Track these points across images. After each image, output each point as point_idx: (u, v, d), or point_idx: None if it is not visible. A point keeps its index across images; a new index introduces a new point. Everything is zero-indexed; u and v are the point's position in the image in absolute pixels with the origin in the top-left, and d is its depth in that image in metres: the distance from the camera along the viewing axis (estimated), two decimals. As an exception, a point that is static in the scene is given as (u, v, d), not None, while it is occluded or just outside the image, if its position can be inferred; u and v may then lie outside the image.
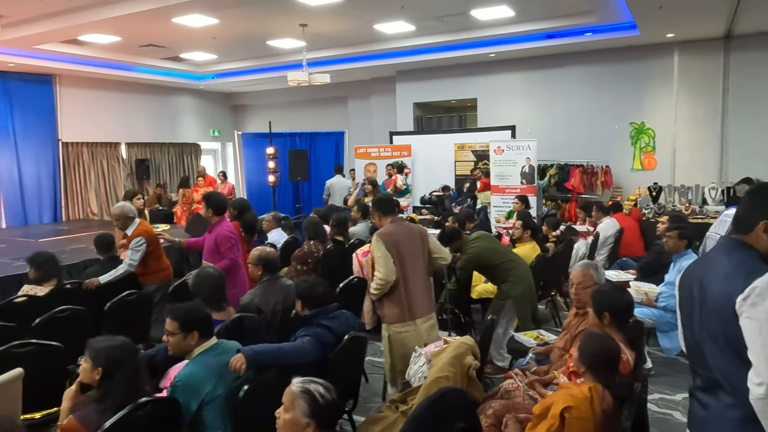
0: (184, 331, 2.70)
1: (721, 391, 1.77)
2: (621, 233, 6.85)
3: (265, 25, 9.24)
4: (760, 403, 1.62)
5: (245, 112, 16.61)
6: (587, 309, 3.18)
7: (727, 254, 1.86)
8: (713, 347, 1.80)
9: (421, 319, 3.70)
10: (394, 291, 3.65)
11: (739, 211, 1.93)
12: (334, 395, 2.12)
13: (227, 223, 4.85)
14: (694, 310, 1.90)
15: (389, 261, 3.58)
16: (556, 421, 2.30)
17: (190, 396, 2.55)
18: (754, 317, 1.65)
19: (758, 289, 1.66)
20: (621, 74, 10.33)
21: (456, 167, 11.07)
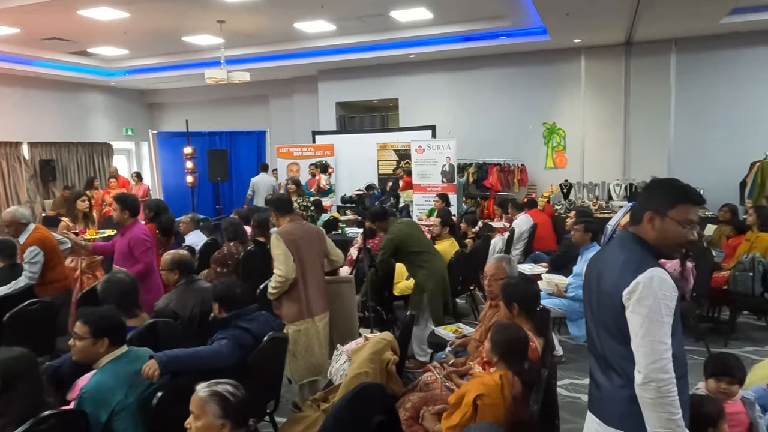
0: (95, 336, 2.59)
1: (614, 373, 1.89)
2: (535, 228, 7.17)
3: (180, 21, 8.93)
4: (638, 389, 1.76)
5: (161, 110, 15.96)
6: (499, 301, 3.32)
7: (620, 247, 1.97)
8: (606, 334, 1.91)
9: (319, 316, 3.83)
10: (293, 289, 3.73)
11: (636, 202, 2.05)
12: (242, 392, 2.10)
13: (141, 225, 4.65)
14: (592, 299, 2.02)
15: (289, 259, 3.66)
16: (469, 409, 2.39)
17: (99, 406, 2.44)
18: (637, 312, 1.77)
19: (641, 285, 1.77)
20: (534, 77, 10.83)
21: (379, 166, 11.19)
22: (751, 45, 9.45)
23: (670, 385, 1.73)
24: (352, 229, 7.82)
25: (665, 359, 1.74)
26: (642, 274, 1.79)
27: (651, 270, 1.80)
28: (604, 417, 1.93)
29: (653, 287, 1.77)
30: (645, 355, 1.75)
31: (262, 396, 3.30)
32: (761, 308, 5.46)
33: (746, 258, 5.27)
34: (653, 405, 1.74)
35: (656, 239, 1.90)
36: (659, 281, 1.78)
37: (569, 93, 10.65)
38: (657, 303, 1.76)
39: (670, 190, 1.91)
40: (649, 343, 1.75)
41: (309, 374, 3.77)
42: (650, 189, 1.99)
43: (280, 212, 3.93)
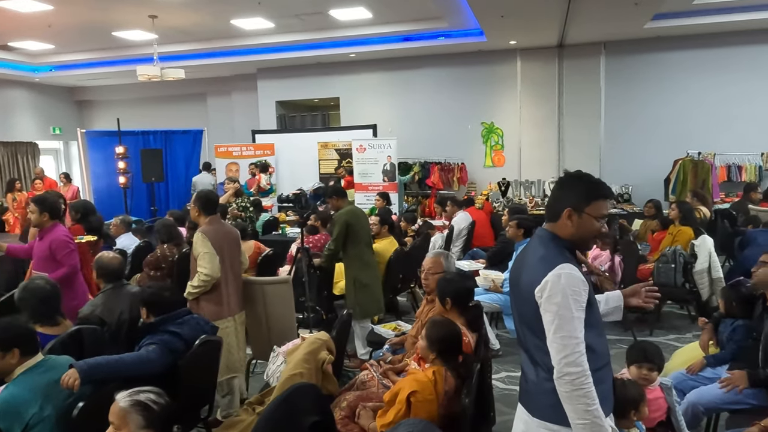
0: (3, 350, 2.44)
1: (538, 366, 1.93)
2: (473, 226, 7.31)
3: (109, 15, 8.57)
4: (555, 383, 1.82)
5: (92, 108, 15.27)
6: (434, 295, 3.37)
7: (537, 245, 2.01)
8: (528, 330, 1.96)
9: (238, 315, 3.88)
10: (216, 288, 3.71)
11: (549, 201, 2.10)
12: (165, 399, 2.04)
13: (62, 228, 4.41)
14: (515, 296, 2.06)
15: (215, 258, 3.65)
16: (403, 405, 2.40)
17: (12, 421, 2.30)
18: (548, 309, 1.83)
19: (549, 283, 1.82)
20: (472, 77, 11.03)
21: (320, 166, 11.11)
22: (675, 49, 9.98)
23: (583, 377, 1.77)
24: (294, 229, 7.73)
25: (577, 353, 1.78)
26: (551, 272, 1.83)
27: (559, 267, 1.84)
28: (530, 408, 1.98)
29: (561, 284, 1.81)
30: (558, 351, 1.80)
31: (196, 401, 3.20)
32: (683, 298, 5.77)
33: (669, 251, 5.56)
34: (569, 398, 1.79)
35: (573, 234, 1.95)
36: (567, 277, 1.82)
37: (506, 93, 10.92)
38: (566, 299, 1.80)
39: (585, 186, 1.95)
40: (560, 338, 1.80)
41: (228, 372, 3.75)
42: (565, 186, 2.01)
43: (206, 211, 3.85)
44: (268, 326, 4.20)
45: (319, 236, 6.11)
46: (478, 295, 4.82)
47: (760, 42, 9.60)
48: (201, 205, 3.86)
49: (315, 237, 6.06)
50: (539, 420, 1.93)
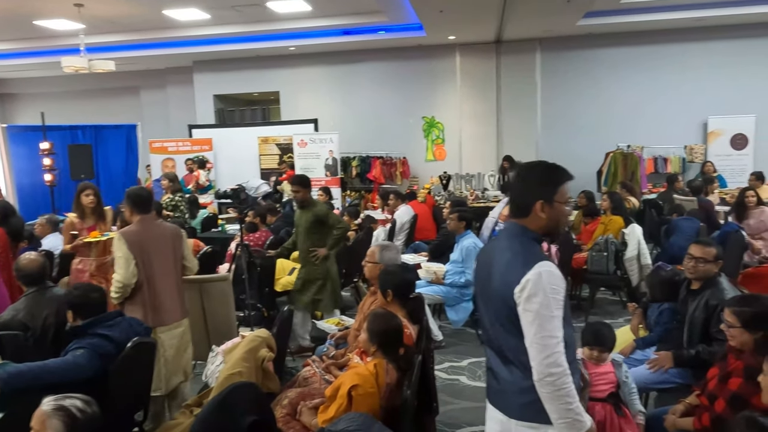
0: None
1: (512, 366, 1.89)
2: (415, 219, 7.36)
3: (31, 3, 8.07)
4: (536, 384, 1.78)
5: (14, 101, 14.38)
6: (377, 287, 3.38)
7: (508, 240, 1.95)
8: (501, 329, 1.90)
9: (165, 327, 3.46)
10: (136, 295, 3.40)
11: (514, 194, 2.02)
12: (94, 408, 1.93)
13: None
14: (484, 294, 2.00)
15: (130, 263, 3.33)
16: (344, 400, 2.38)
17: None
18: (528, 309, 1.78)
19: (530, 282, 1.77)
20: (413, 71, 11.10)
21: (261, 161, 10.90)
22: (605, 46, 10.40)
23: (565, 377, 1.76)
24: (233, 225, 7.55)
25: (557, 353, 1.76)
26: (530, 271, 1.79)
27: (538, 266, 1.80)
28: (506, 409, 1.93)
29: (542, 283, 1.77)
30: (538, 351, 1.76)
31: (129, 406, 3.07)
32: (615, 284, 6.03)
33: (601, 239, 5.78)
34: (551, 398, 1.77)
35: (546, 226, 1.92)
36: (547, 276, 1.79)
37: (446, 88, 11.05)
38: (546, 298, 1.77)
39: (549, 174, 1.93)
40: (541, 339, 1.76)
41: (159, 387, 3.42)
42: (528, 178, 1.97)
43: (138, 209, 3.53)
44: (206, 325, 4.09)
45: (259, 234, 5.99)
46: (421, 287, 4.87)
47: (684, 40, 10.13)
48: (131, 203, 3.57)
49: (255, 235, 5.94)
50: (518, 420, 1.89)
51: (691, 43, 10.15)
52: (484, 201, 9.42)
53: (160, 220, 3.90)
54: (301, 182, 4.91)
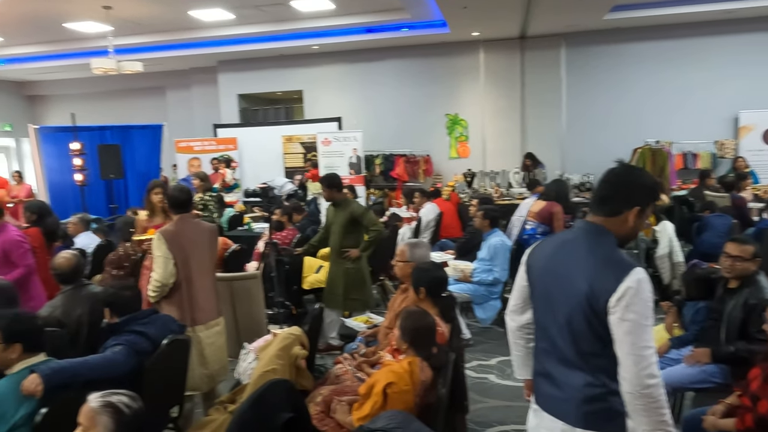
0: (5, 342, 2.37)
1: (581, 372, 1.80)
2: (441, 217, 7.34)
3: (60, 5, 8.24)
4: (627, 396, 1.70)
5: (44, 103, 14.70)
6: (408, 284, 3.37)
7: (587, 242, 1.84)
8: (574, 335, 1.80)
9: (203, 326, 3.47)
10: (174, 294, 3.41)
11: (606, 191, 1.87)
12: (140, 404, 1.96)
13: (13, 227, 4.23)
14: (551, 296, 1.89)
15: (169, 263, 3.34)
16: (379, 398, 2.38)
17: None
18: (627, 319, 1.67)
19: (631, 290, 1.67)
20: (436, 68, 11.05)
21: (285, 160, 10.97)
22: (633, 40, 10.22)
23: (660, 387, 1.68)
24: (260, 224, 7.62)
25: (653, 363, 1.68)
26: (629, 278, 1.69)
27: (635, 273, 1.70)
28: (569, 417, 1.83)
29: (641, 292, 1.69)
30: (635, 363, 1.67)
31: (165, 402, 3.11)
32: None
33: (631, 237, 5.68)
34: (645, 410, 1.68)
35: (626, 234, 1.84)
36: (645, 283, 1.71)
37: (470, 84, 10.98)
38: (644, 307, 1.69)
39: (651, 187, 1.86)
40: (638, 350, 1.67)
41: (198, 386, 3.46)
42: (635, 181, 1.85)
43: (175, 209, 3.54)
44: (237, 323, 4.13)
45: (286, 232, 6.03)
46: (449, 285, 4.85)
47: (714, 33, 9.91)
48: (169, 203, 3.62)
49: (282, 233, 5.98)
50: (583, 429, 1.80)
51: (720, 36, 9.92)
52: (509, 198, 9.34)
53: (198, 220, 3.89)
54: (324, 181, 4.93)
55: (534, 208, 5.92)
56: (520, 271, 2.08)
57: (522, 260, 2.08)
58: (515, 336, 2.17)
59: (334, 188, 4.86)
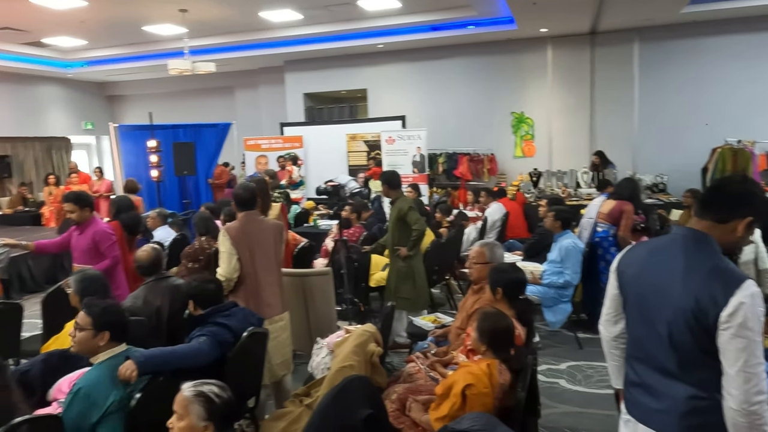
0: (96, 329, 2.50)
1: (681, 383, 1.73)
2: (507, 217, 7.23)
3: (140, 10, 8.64)
4: (731, 411, 1.64)
5: (123, 103, 15.48)
6: (481, 285, 3.34)
7: (688, 249, 1.76)
8: (675, 346, 1.73)
9: (267, 320, 3.46)
10: (239, 289, 3.49)
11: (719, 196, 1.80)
12: (229, 393, 2.04)
13: (101, 220, 4.49)
14: (646, 303, 1.82)
15: (233, 258, 3.42)
16: (458, 399, 2.37)
17: (92, 405, 2.33)
18: (741, 335, 1.60)
19: (745, 306, 1.59)
20: (502, 66, 10.88)
21: (349, 158, 11.09)
22: (712, 34, 9.70)
23: (765, 405, 1.61)
24: (325, 221, 7.74)
25: (763, 380, 1.61)
26: (741, 292, 1.61)
27: (747, 285, 1.62)
28: (667, 429, 1.76)
29: (756, 307, 1.61)
30: (746, 380, 1.60)
31: (243, 393, 3.21)
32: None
33: (713, 241, 5.40)
34: (748, 428, 1.62)
35: (730, 244, 1.75)
36: (759, 297, 1.62)
37: (536, 82, 10.75)
38: (757, 323, 1.61)
39: (766, 201, 1.77)
40: (750, 367, 1.60)
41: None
42: (752, 193, 1.76)
43: (240, 206, 3.63)
44: (308, 318, 4.21)
45: (353, 229, 6.10)
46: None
47: (801, 25, 9.28)
48: (234, 201, 3.72)
49: (350, 230, 6.05)
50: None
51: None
52: (576, 199, 9.09)
53: (263, 217, 3.94)
54: (381, 178, 4.96)
55: (604, 208, 5.73)
56: (610, 278, 2.00)
57: (612, 268, 2.00)
58: (610, 346, 2.08)
59: (387, 185, 4.90)
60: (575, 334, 5.15)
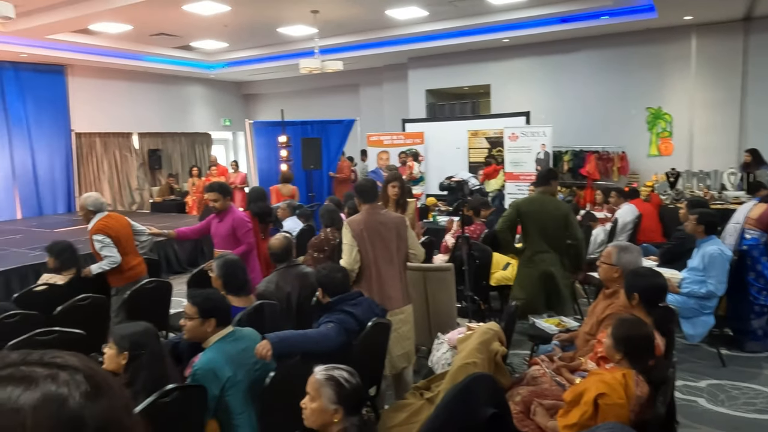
0: (202, 317, 2.69)
1: None
2: (639, 219, 6.76)
3: (277, 12, 9.16)
4: None
5: (256, 101, 16.56)
6: (615, 290, 3.15)
7: None
8: None
9: (389, 313, 3.47)
10: (360, 281, 3.54)
11: None
12: (358, 380, 2.10)
13: (237, 209, 4.85)
14: None
15: (353, 250, 3.50)
16: (589, 407, 2.25)
17: (210, 383, 2.53)
18: None
19: None
20: (637, 58, 10.16)
21: (470, 154, 10.97)
22: None
23: None
24: (444, 217, 7.73)
25: None
26: None
27: None
28: None
29: None
30: None
31: (365, 381, 3.30)
32: None
33: None
34: None
35: None
36: None
37: (677, 74, 9.91)
38: None
39: None
40: None
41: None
42: None
43: (362, 200, 3.72)
44: (428, 313, 4.23)
45: (475, 226, 6.02)
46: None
47: None
48: (357, 193, 3.83)
49: (471, 227, 5.98)
50: None
51: None
52: (721, 202, 8.26)
53: (386, 210, 3.95)
54: (539, 176, 4.76)
55: (753, 213, 5.17)
56: None
57: None
58: None
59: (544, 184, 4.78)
60: (718, 349, 4.68)
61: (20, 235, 8.52)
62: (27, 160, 11.29)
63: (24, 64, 10.99)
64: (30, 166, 11.33)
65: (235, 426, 2.56)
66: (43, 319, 3.60)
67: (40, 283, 4.32)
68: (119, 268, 4.49)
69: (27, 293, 4.19)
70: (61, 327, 3.24)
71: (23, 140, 11.21)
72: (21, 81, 11.09)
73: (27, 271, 6.20)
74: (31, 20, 8.42)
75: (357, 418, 2.10)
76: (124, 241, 4.57)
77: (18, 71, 11.03)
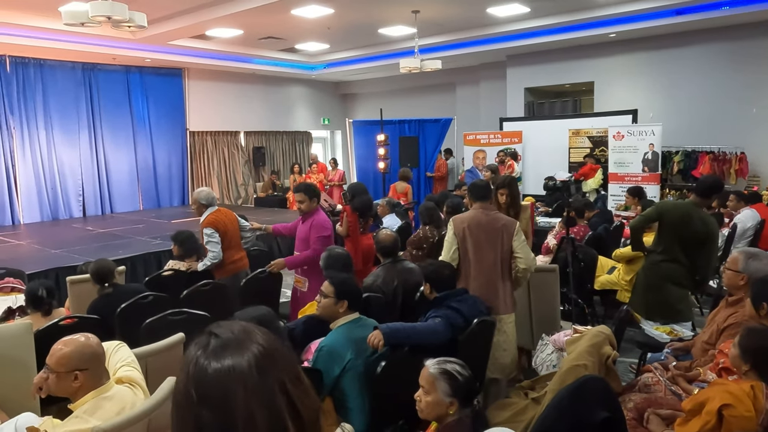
0: (338, 297, 2.86)
1: None
2: (762, 225, 6.26)
3: (378, 13, 9.35)
4: None
5: (353, 100, 16.97)
6: (739, 297, 2.97)
7: None
8: None
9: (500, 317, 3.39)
10: (459, 279, 3.48)
11: None
12: (469, 372, 2.14)
13: (322, 212, 4.69)
14: None
15: (452, 247, 3.51)
16: (712, 418, 2.15)
17: (333, 361, 2.68)
18: None
19: None
20: (759, 51, 9.38)
21: (570, 154, 10.62)
22: None
23: None
24: (544, 218, 7.56)
25: None
26: None
27: None
28: None
29: None
30: None
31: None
32: None
33: None
34: None
35: None
36: None
37: (808, 68, 9.05)
38: None
39: None
40: None
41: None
42: None
43: (473, 196, 3.70)
44: (531, 314, 4.18)
45: (577, 228, 5.85)
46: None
47: None
48: (469, 191, 3.82)
49: (573, 229, 5.82)
50: None
51: None
52: None
53: (496, 212, 3.78)
54: (700, 185, 4.40)
55: None
56: None
57: None
58: None
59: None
60: None
61: (142, 225, 9.34)
62: (148, 157, 12.31)
63: (148, 68, 11.98)
64: (150, 162, 12.35)
65: (349, 409, 2.69)
66: (171, 300, 3.94)
67: (167, 269, 4.73)
68: (220, 261, 4.66)
69: (156, 277, 4.61)
70: (188, 309, 3.54)
71: (145, 139, 12.24)
72: (145, 84, 12.12)
73: (150, 257, 6.81)
74: (156, 28, 9.18)
75: (470, 409, 2.15)
76: (231, 236, 4.79)
77: (143, 75, 12.05)
